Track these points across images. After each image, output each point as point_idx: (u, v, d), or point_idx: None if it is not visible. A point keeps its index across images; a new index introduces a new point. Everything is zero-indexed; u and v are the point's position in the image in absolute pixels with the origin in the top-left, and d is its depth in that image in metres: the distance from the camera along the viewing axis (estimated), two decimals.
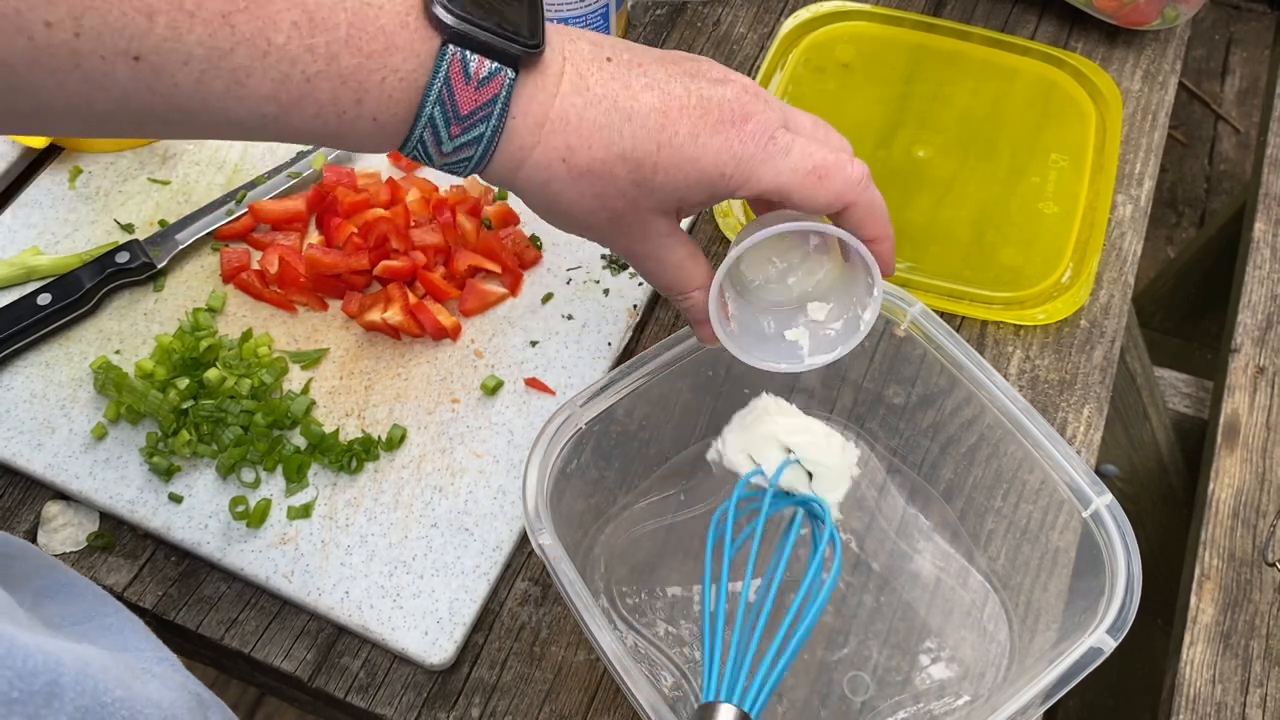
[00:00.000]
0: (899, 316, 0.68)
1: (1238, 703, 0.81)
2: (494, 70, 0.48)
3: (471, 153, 0.50)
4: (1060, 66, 0.92)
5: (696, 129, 0.52)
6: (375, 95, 0.47)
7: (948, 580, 0.70)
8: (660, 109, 0.52)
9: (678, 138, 0.52)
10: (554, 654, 0.68)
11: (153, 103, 0.45)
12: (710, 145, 0.52)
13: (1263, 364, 0.96)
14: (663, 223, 0.55)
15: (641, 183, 0.52)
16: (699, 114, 0.52)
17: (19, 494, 0.74)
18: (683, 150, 0.52)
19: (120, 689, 0.45)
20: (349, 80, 0.46)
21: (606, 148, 0.51)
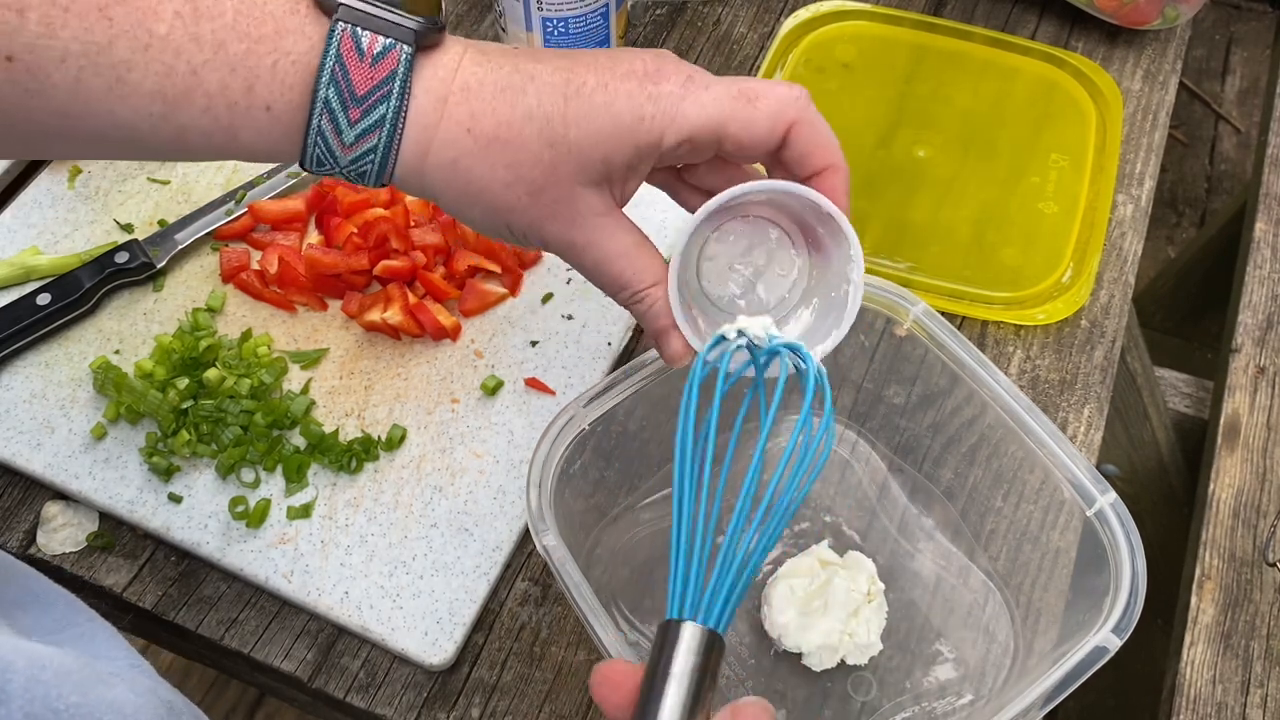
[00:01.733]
0: (901, 316, 0.68)
1: (1238, 703, 0.81)
2: (388, 45, 0.46)
3: (375, 140, 0.47)
4: (1061, 66, 0.92)
5: (604, 78, 0.48)
6: (267, 81, 0.45)
7: (949, 579, 0.70)
8: (565, 67, 0.49)
9: (585, 87, 0.48)
10: (554, 654, 0.68)
11: (32, 109, 0.42)
12: (622, 89, 0.48)
13: (1263, 364, 0.95)
14: (592, 197, 0.50)
15: (555, 141, 0.48)
16: (607, 67, 0.49)
17: (19, 494, 0.73)
18: (592, 98, 0.48)
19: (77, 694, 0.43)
20: (238, 68, 0.44)
21: (511, 107, 0.47)
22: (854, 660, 0.66)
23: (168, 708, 0.50)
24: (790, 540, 0.72)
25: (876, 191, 0.86)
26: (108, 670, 0.49)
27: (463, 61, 0.48)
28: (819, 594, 0.66)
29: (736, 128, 0.49)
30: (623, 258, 0.51)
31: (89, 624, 0.53)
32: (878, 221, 0.85)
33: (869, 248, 0.83)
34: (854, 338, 0.73)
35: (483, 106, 0.48)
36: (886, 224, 0.85)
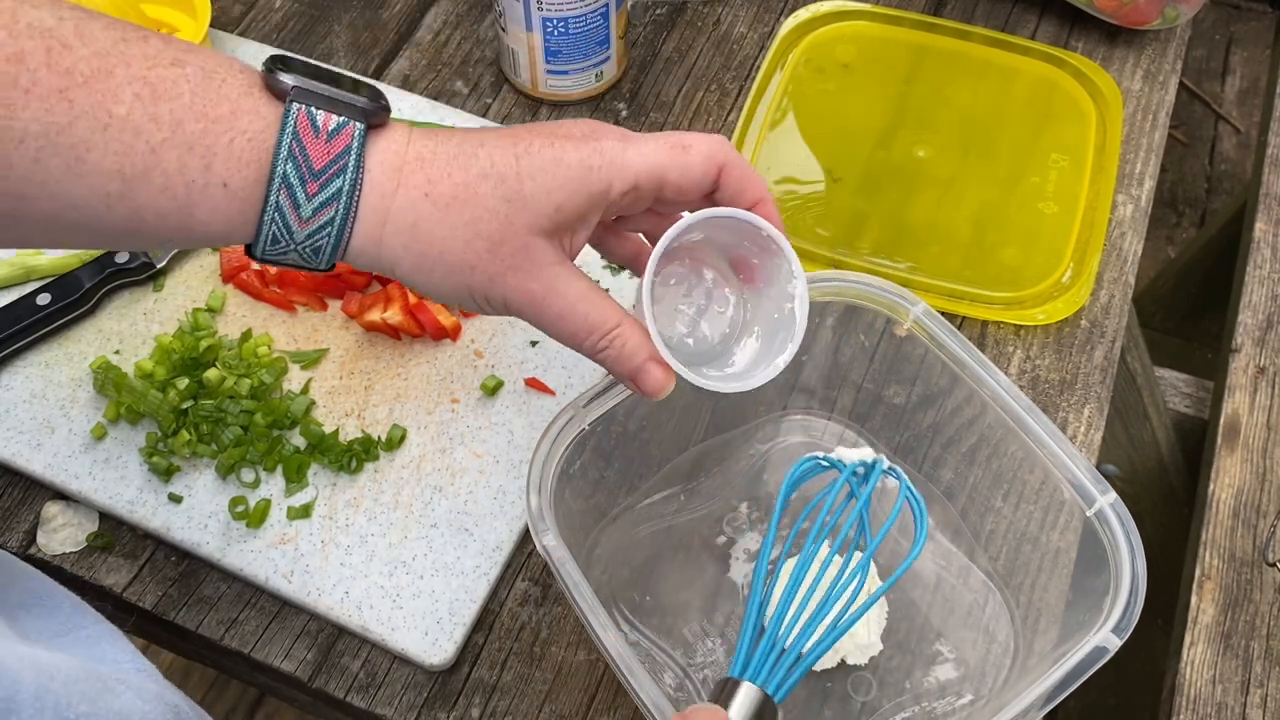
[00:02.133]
0: (902, 316, 0.68)
1: (1238, 703, 0.81)
2: (342, 122, 0.48)
3: (332, 212, 0.48)
4: (1061, 66, 0.92)
5: (549, 140, 0.52)
6: (224, 158, 0.46)
7: (949, 579, 0.70)
8: (510, 134, 0.52)
9: (534, 146, 0.51)
10: (554, 654, 0.68)
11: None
12: (569, 146, 0.51)
13: (1263, 364, 0.95)
14: (547, 247, 0.52)
15: (510, 196, 0.50)
16: (549, 131, 0.52)
17: (19, 494, 0.73)
18: (542, 154, 0.51)
19: (85, 703, 0.44)
20: (195, 146, 0.45)
21: (466, 170, 0.50)
22: (854, 660, 0.66)
23: (175, 713, 0.50)
24: (790, 539, 0.72)
25: (876, 191, 0.86)
26: (114, 676, 0.49)
27: (411, 137, 0.51)
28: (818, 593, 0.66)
29: (676, 174, 0.53)
30: (584, 301, 0.53)
31: (94, 626, 0.54)
32: (878, 221, 0.85)
33: (869, 248, 0.83)
34: (854, 337, 0.73)
35: (438, 172, 0.50)
36: (886, 224, 0.85)
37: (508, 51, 0.89)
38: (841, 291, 0.68)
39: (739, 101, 0.93)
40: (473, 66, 0.95)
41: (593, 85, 0.91)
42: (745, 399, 0.74)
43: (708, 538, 0.72)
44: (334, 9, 0.98)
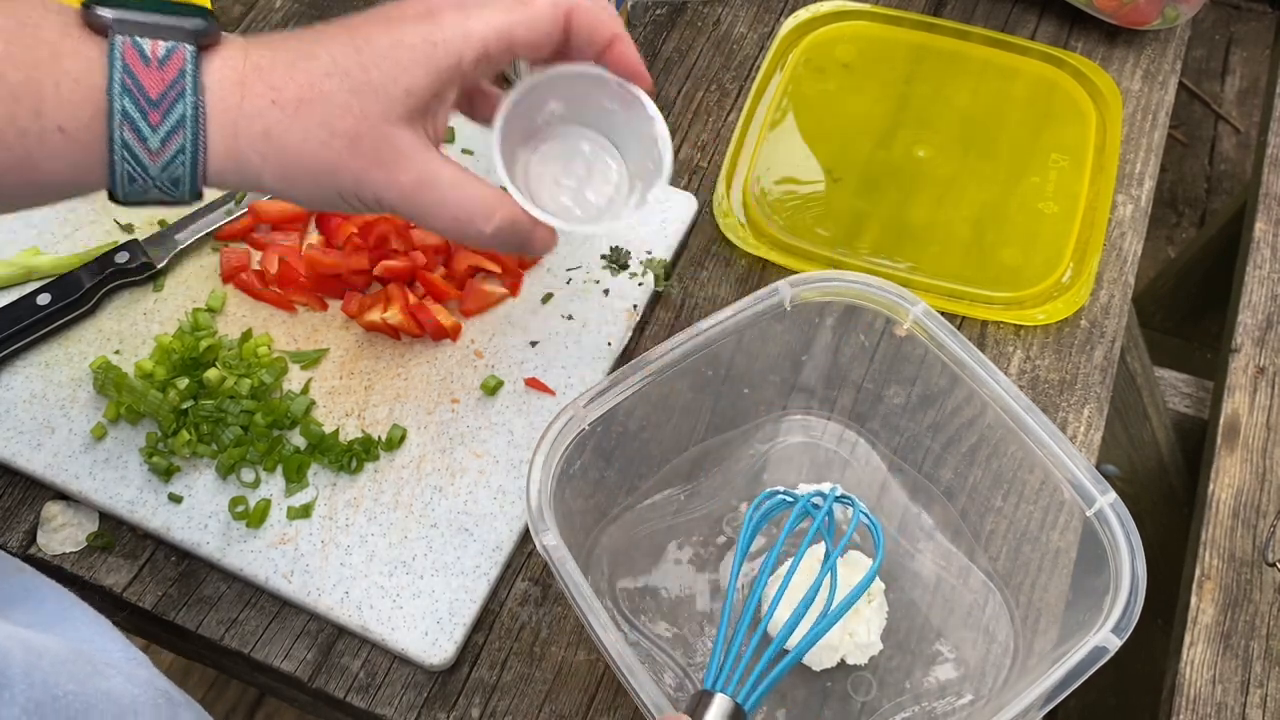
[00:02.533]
0: (902, 316, 0.68)
1: (1238, 703, 0.81)
2: (171, 47, 0.47)
3: (181, 139, 0.47)
4: (1060, 66, 0.92)
5: (386, 26, 0.51)
6: (53, 103, 0.45)
7: (949, 579, 0.70)
8: (347, 26, 0.51)
9: (373, 36, 0.50)
10: (554, 654, 0.68)
11: None
12: (407, 29, 0.50)
13: (1263, 364, 0.95)
14: (408, 136, 0.51)
15: (358, 87, 0.49)
16: (383, 17, 0.51)
17: (19, 494, 0.73)
18: (382, 41, 0.50)
19: (73, 683, 0.44)
20: (21, 96, 0.44)
21: (308, 71, 0.49)
22: (854, 660, 0.66)
23: (165, 697, 0.50)
24: (790, 540, 0.72)
25: (876, 191, 0.86)
26: (104, 661, 0.49)
27: (249, 49, 0.50)
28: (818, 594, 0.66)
29: (524, 30, 0.52)
30: (457, 188, 0.52)
31: (84, 617, 0.53)
32: (877, 221, 0.85)
33: (869, 247, 0.83)
34: (854, 337, 0.73)
35: (280, 78, 0.49)
36: (886, 224, 0.85)
37: None
38: (841, 291, 0.68)
39: (739, 102, 0.93)
40: None
41: None
42: (745, 399, 0.74)
43: (708, 537, 0.72)
44: (335, 9, 0.98)
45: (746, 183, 0.85)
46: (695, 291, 0.82)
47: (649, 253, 0.82)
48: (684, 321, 0.81)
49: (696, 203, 0.85)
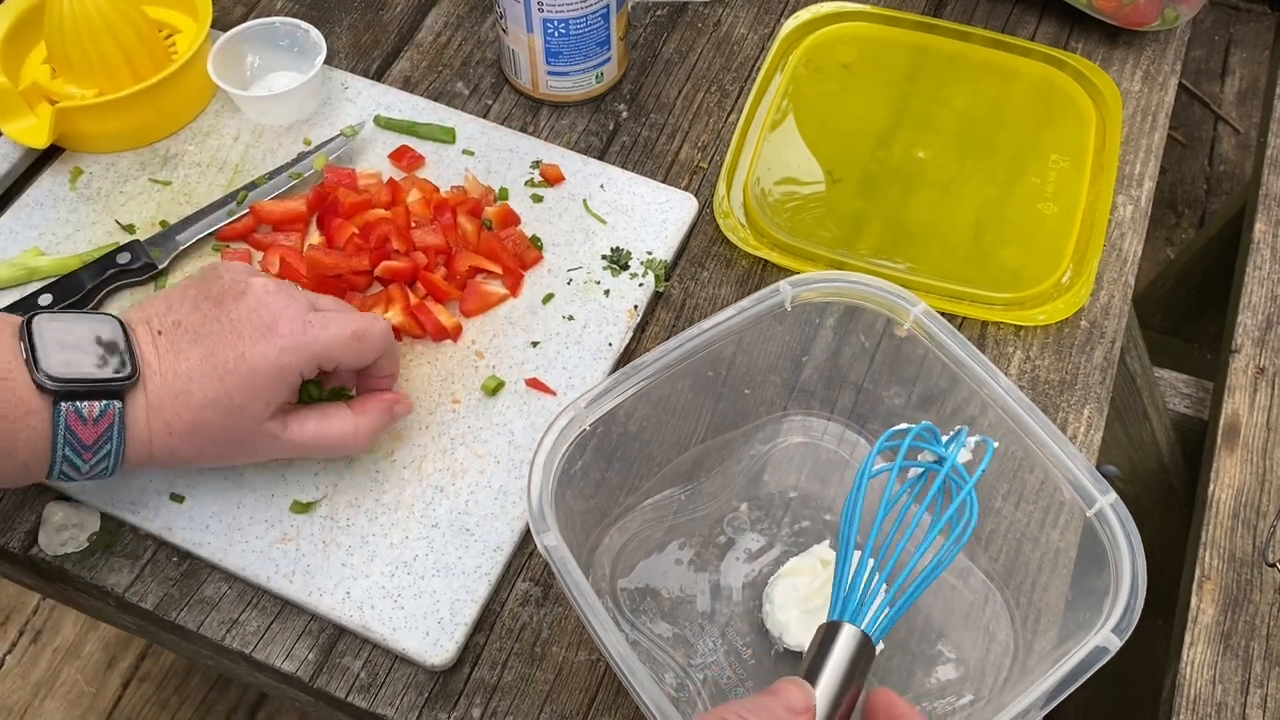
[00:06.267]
0: (902, 316, 0.68)
1: (1238, 703, 0.81)
2: (104, 408, 0.61)
3: (105, 465, 0.63)
4: (1060, 67, 0.92)
5: (242, 349, 0.63)
6: (24, 449, 0.60)
7: (949, 579, 0.71)
8: (208, 355, 0.63)
9: (230, 363, 0.63)
10: (555, 654, 0.68)
11: None
12: (259, 351, 0.63)
13: (1263, 364, 0.96)
14: (275, 424, 0.66)
15: (231, 410, 0.63)
16: (235, 336, 0.64)
17: (20, 495, 0.73)
18: (238, 370, 0.63)
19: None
20: (2, 441, 0.59)
21: (189, 407, 0.63)
22: None
23: None
24: (791, 539, 0.72)
25: (876, 192, 0.86)
26: None
27: (147, 386, 0.63)
28: (820, 592, 0.66)
29: (351, 360, 0.68)
30: (321, 434, 0.68)
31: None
32: (877, 222, 0.85)
33: (869, 248, 0.83)
34: (854, 338, 0.74)
35: (172, 416, 0.63)
36: (886, 225, 0.85)
37: (508, 53, 0.90)
38: (841, 292, 0.68)
39: (739, 102, 0.93)
40: (473, 68, 0.95)
41: (593, 86, 0.91)
42: (746, 400, 0.74)
43: (708, 538, 0.72)
44: (335, 10, 0.98)
45: (747, 183, 0.85)
46: (696, 292, 0.82)
47: (649, 253, 0.82)
48: (684, 322, 0.81)
49: (697, 203, 0.86)
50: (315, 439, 0.67)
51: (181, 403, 0.63)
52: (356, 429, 0.68)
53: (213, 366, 0.63)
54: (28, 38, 0.88)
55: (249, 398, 0.63)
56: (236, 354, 0.63)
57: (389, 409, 0.70)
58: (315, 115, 0.89)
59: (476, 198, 0.83)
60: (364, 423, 0.69)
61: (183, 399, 0.63)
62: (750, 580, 0.70)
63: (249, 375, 0.63)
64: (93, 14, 0.82)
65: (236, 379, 0.63)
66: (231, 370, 0.63)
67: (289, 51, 0.90)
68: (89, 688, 1.56)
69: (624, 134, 0.91)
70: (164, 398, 0.63)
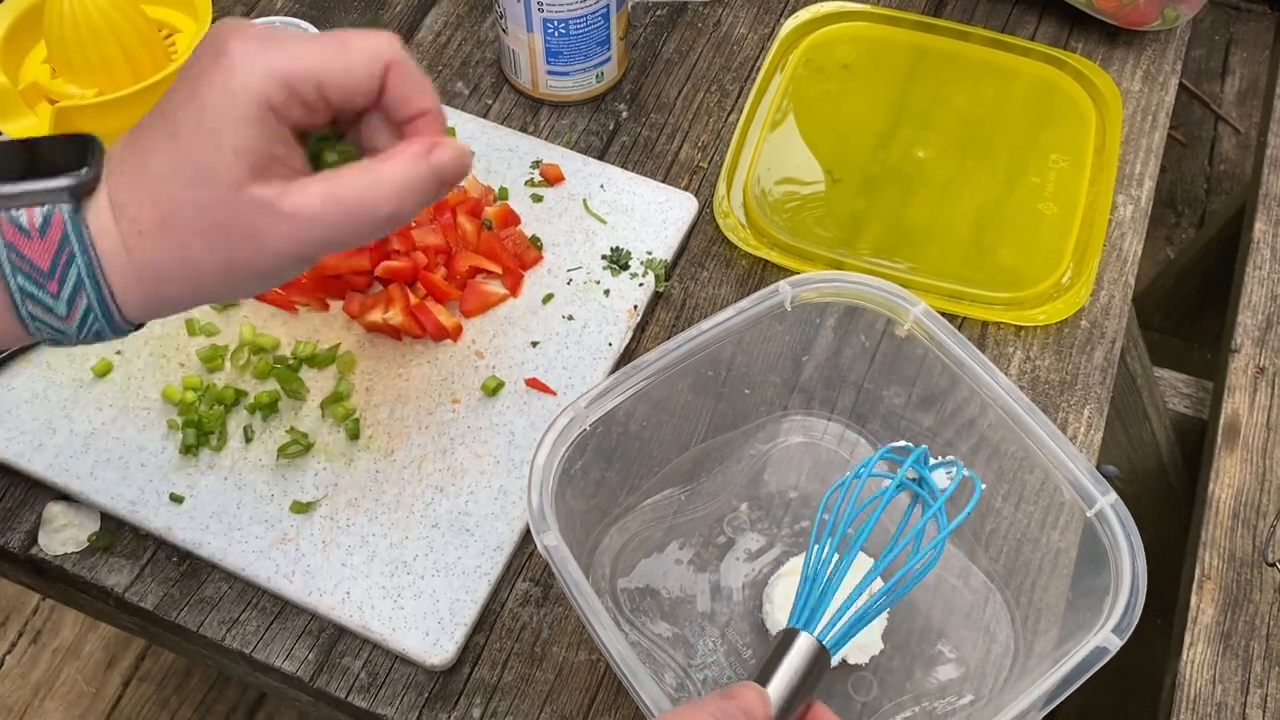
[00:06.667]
0: (902, 316, 0.68)
1: (1238, 703, 0.81)
2: (48, 213, 0.46)
3: (85, 300, 0.47)
4: (1060, 67, 0.92)
5: (190, 91, 0.47)
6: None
7: (950, 579, 0.71)
8: (159, 113, 0.48)
9: (179, 110, 0.47)
10: (555, 654, 0.68)
11: None
12: (201, 85, 0.47)
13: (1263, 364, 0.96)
14: (264, 187, 0.47)
15: (195, 174, 0.47)
16: (184, 82, 0.48)
17: (20, 495, 0.74)
18: (188, 113, 0.47)
19: None
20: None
21: (147, 187, 0.47)
22: (854, 659, 0.67)
23: None
24: (791, 539, 0.72)
25: (876, 192, 0.86)
26: None
27: (108, 186, 0.48)
28: None
29: (337, 73, 0.48)
30: (331, 177, 0.49)
31: None
32: (877, 222, 0.85)
33: (869, 248, 0.83)
34: (854, 338, 0.74)
35: (135, 208, 0.47)
36: (886, 224, 0.85)
37: (508, 52, 0.90)
38: (841, 292, 0.68)
39: (739, 102, 0.93)
40: (473, 67, 0.95)
41: (593, 86, 0.91)
42: (746, 400, 0.74)
43: (708, 538, 0.72)
44: (335, 10, 0.98)
45: (747, 183, 0.85)
46: (696, 292, 0.82)
47: (649, 253, 0.82)
48: (684, 322, 0.81)
49: (697, 203, 0.86)
50: (328, 205, 0.48)
51: (140, 185, 0.48)
52: (380, 181, 0.49)
53: (163, 121, 0.48)
54: (27, 37, 0.88)
55: (208, 147, 0.47)
56: (186, 93, 0.47)
57: (424, 151, 0.50)
58: None
59: (476, 198, 0.83)
60: (391, 172, 0.49)
61: (140, 178, 0.48)
62: (750, 580, 0.70)
63: (198, 115, 0.47)
64: (93, 14, 0.82)
65: (187, 127, 0.47)
66: (181, 119, 0.47)
67: None
68: (89, 688, 1.56)
69: (624, 134, 0.91)
70: (123, 186, 0.48)
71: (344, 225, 0.49)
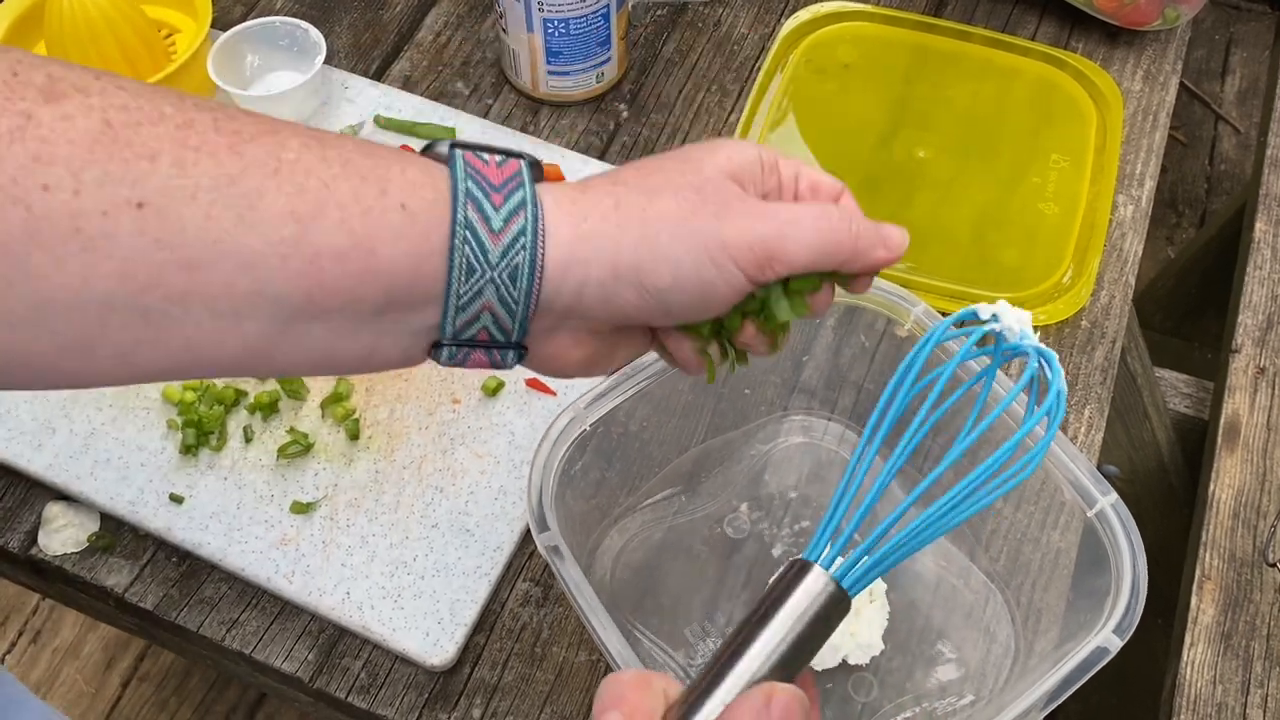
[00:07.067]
0: (902, 317, 0.68)
1: (1238, 703, 0.81)
2: (504, 158, 0.47)
3: (522, 220, 0.45)
4: (1061, 67, 0.92)
5: None
6: (399, 184, 0.44)
7: (950, 580, 0.70)
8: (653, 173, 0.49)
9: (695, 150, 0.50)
10: (555, 655, 0.68)
11: (157, 263, 0.40)
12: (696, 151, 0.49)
13: (1263, 364, 0.96)
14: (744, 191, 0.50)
15: (683, 163, 0.49)
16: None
17: (20, 495, 0.73)
18: (677, 158, 0.49)
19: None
20: (368, 176, 0.43)
21: (654, 174, 0.48)
22: (855, 660, 0.66)
23: None
24: (791, 539, 0.72)
25: (876, 192, 0.86)
26: None
27: None
28: None
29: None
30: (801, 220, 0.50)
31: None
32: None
33: None
34: (855, 338, 0.73)
35: (630, 186, 0.48)
36: None
37: (509, 52, 0.90)
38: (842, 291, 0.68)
39: (740, 102, 0.93)
40: (473, 67, 0.95)
41: (593, 86, 0.91)
42: (746, 400, 0.74)
43: (708, 538, 0.72)
44: (335, 10, 0.98)
45: None
46: None
47: None
48: None
49: None
50: (786, 212, 0.50)
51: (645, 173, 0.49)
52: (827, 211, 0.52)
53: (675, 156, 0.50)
54: (27, 37, 0.88)
55: (696, 156, 0.49)
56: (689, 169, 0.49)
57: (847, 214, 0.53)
58: (315, 115, 0.89)
59: None
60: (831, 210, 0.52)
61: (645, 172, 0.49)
62: (750, 580, 0.70)
63: (682, 156, 0.50)
64: (92, 13, 0.82)
65: (674, 159, 0.50)
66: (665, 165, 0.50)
67: (289, 51, 0.90)
68: (88, 688, 1.56)
69: (624, 134, 0.91)
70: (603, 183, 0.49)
71: (790, 236, 0.49)
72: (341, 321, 0.43)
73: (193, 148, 0.40)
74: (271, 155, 0.42)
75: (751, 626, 0.44)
